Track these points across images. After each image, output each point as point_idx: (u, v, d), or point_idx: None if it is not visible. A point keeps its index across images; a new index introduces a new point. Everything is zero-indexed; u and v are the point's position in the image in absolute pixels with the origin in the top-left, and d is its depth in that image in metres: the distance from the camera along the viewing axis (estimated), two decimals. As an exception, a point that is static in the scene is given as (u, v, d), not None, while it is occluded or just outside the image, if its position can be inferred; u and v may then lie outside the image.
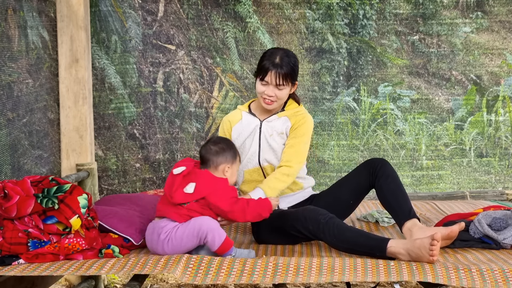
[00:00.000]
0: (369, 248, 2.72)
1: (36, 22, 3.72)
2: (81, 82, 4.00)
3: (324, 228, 2.80)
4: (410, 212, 2.97)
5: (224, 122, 3.35)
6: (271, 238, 3.09)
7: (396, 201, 3.02)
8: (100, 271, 2.43)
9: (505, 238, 2.82)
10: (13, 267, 2.47)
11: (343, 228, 2.81)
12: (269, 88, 3.12)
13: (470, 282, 2.34)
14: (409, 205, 3.01)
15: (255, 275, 2.43)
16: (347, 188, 3.23)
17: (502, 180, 4.68)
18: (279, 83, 3.10)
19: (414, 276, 2.39)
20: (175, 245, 2.70)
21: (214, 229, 2.69)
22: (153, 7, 4.44)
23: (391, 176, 3.09)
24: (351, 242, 2.76)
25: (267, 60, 3.11)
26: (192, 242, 2.70)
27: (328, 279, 2.38)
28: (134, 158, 4.45)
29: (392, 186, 3.06)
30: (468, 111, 4.67)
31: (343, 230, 2.80)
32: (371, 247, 2.72)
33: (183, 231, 2.70)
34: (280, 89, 3.12)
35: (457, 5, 4.62)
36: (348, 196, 3.22)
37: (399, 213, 2.99)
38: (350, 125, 4.64)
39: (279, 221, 3.00)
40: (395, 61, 4.64)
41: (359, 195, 3.23)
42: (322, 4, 4.57)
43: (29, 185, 2.63)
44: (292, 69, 3.12)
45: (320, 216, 2.85)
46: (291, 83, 3.16)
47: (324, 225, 2.81)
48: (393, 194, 3.04)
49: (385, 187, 3.06)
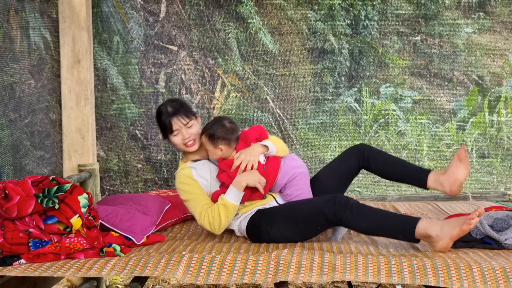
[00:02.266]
0: (397, 228, 2.80)
1: (38, 23, 3.73)
2: (83, 83, 4.00)
3: (352, 206, 2.86)
4: (422, 168, 3.19)
5: (186, 176, 3.30)
6: (284, 234, 3.08)
7: (403, 167, 3.22)
8: (100, 272, 2.43)
9: (507, 238, 2.81)
10: (14, 267, 2.47)
11: (369, 207, 2.90)
12: (182, 133, 3.25)
13: (472, 284, 2.34)
14: (414, 165, 3.25)
15: (257, 274, 2.43)
16: (335, 174, 3.33)
17: (504, 180, 4.67)
18: (186, 123, 3.25)
19: (415, 278, 2.38)
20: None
21: None
22: (155, 8, 4.45)
23: (381, 152, 3.30)
24: (380, 220, 2.84)
25: (163, 117, 3.25)
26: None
27: (329, 278, 2.38)
28: (136, 158, 4.45)
29: (392, 159, 3.26)
30: (470, 112, 4.66)
31: (370, 209, 2.89)
32: (400, 222, 2.80)
33: None
34: (189, 126, 3.26)
35: (459, 5, 4.62)
36: (336, 182, 3.32)
37: (414, 173, 3.17)
38: (352, 125, 4.64)
39: (295, 213, 3.04)
40: (397, 62, 4.64)
41: (348, 179, 3.36)
42: (324, 5, 4.56)
43: (29, 185, 2.63)
44: (182, 105, 3.30)
45: (341, 196, 2.93)
46: (194, 116, 3.31)
47: (352, 204, 2.87)
48: (395, 164, 3.23)
49: (385, 162, 3.23)
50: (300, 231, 3.04)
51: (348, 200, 2.89)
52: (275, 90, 4.58)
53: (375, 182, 4.63)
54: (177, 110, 3.26)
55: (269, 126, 4.57)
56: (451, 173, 3.06)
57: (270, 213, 3.13)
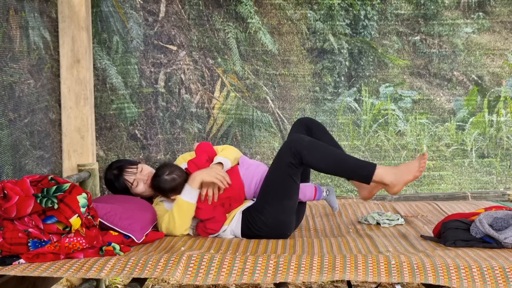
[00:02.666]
0: (357, 166, 3.01)
1: (37, 23, 3.73)
2: (82, 83, 4.00)
3: (309, 145, 3.00)
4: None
5: (160, 208, 3.37)
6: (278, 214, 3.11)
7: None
8: (99, 273, 2.43)
9: (507, 237, 2.81)
10: (14, 267, 2.47)
11: (323, 145, 3.06)
12: (139, 179, 3.35)
13: (471, 283, 2.34)
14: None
15: (256, 274, 2.43)
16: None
17: (503, 180, 4.67)
18: (136, 169, 3.38)
19: (415, 277, 2.39)
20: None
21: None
22: (154, 8, 4.45)
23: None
24: (339, 159, 3.02)
25: (115, 182, 3.37)
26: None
27: (329, 278, 2.38)
28: (135, 158, 4.45)
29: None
30: (469, 112, 4.66)
31: (325, 147, 3.04)
32: (359, 165, 3.01)
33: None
34: (140, 170, 3.38)
35: (459, 5, 4.62)
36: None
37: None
38: (351, 125, 4.64)
39: (269, 185, 3.12)
40: (397, 62, 4.64)
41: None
42: (324, 5, 4.56)
43: (28, 185, 2.63)
44: (121, 161, 3.51)
45: (295, 137, 3.08)
46: (136, 163, 3.45)
47: (308, 142, 3.01)
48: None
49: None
50: (286, 197, 3.10)
51: (302, 139, 3.03)
52: (274, 90, 4.58)
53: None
54: (120, 166, 3.36)
55: (268, 126, 4.57)
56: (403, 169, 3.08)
57: (255, 206, 3.14)
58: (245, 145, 4.56)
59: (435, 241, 2.99)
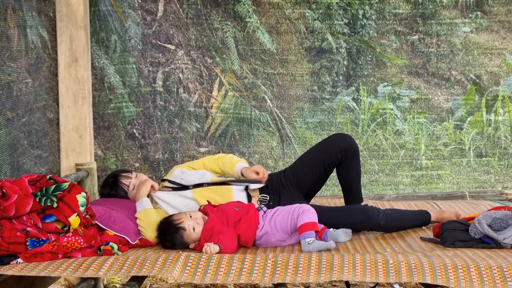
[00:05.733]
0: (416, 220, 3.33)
1: (35, 22, 3.72)
2: (80, 82, 4.00)
3: (383, 215, 3.19)
4: (360, 197, 3.50)
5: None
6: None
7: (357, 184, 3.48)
8: (98, 272, 2.42)
9: (505, 238, 2.81)
10: (11, 266, 2.47)
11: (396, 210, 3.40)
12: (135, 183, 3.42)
13: (469, 283, 2.34)
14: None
15: (254, 274, 2.43)
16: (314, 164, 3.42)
17: (501, 180, 4.67)
18: (131, 175, 3.46)
19: (413, 276, 2.38)
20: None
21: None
22: (152, 7, 4.44)
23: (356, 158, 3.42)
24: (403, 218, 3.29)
25: (113, 191, 3.42)
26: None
27: (327, 278, 2.38)
28: (133, 157, 4.45)
29: (357, 170, 3.44)
30: (467, 111, 4.67)
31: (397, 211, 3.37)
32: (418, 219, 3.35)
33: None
34: (136, 176, 3.46)
35: (457, 5, 4.62)
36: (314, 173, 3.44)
37: (354, 196, 3.47)
38: (349, 124, 4.64)
39: (333, 217, 3.19)
40: (395, 61, 4.64)
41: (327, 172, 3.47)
42: (322, 4, 4.56)
43: (26, 184, 2.63)
44: (114, 172, 3.59)
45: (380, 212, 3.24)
46: (129, 171, 3.54)
47: (383, 212, 3.21)
48: (357, 178, 3.46)
49: (353, 167, 3.40)
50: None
51: (380, 213, 3.19)
52: (272, 89, 4.58)
53: (373, 181, 4.63)
54: (115, 175, 3.43)
55: (266, 125, 4.57)
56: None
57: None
58: (243, 144, 4.56)
59: (434, 242, 2.99)
